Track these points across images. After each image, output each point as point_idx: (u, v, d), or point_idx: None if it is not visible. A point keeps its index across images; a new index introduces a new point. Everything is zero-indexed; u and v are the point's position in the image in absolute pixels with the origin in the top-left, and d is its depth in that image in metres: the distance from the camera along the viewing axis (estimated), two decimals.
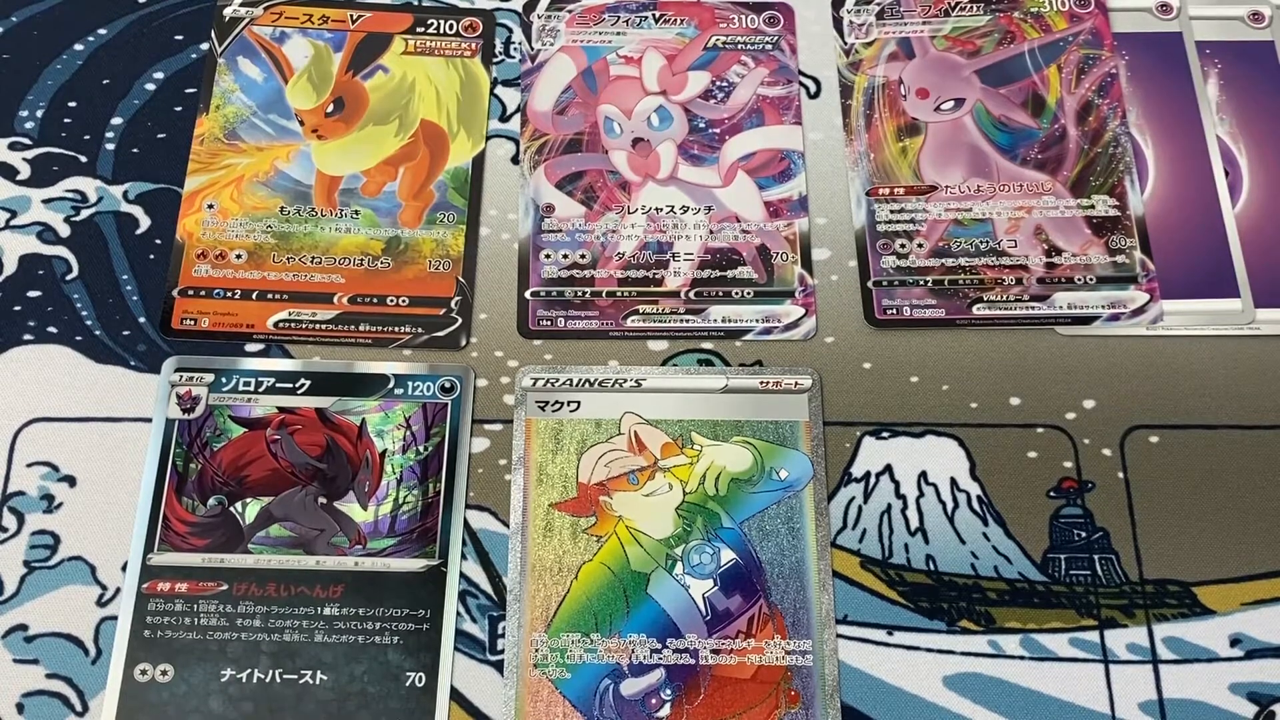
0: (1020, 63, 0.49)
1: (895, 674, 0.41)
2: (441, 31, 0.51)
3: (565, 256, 0.47)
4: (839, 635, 0.41)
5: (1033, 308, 0.46)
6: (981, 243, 0.47)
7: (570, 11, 0.51)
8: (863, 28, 0.49)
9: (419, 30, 0.51)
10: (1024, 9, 0.50)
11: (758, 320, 0.46)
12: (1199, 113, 0.48)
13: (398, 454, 0.44)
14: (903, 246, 0.47)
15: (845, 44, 0.50)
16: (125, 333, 0.46)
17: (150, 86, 0.50)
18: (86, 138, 0.49)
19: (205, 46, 0.50)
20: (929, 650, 0.42)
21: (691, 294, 0.46)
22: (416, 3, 0.52)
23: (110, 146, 0.49)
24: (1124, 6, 0.51)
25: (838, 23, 0.50)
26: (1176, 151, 0.48)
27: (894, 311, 0.46)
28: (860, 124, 0.49)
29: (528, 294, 0.47)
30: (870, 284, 0.46)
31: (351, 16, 0.51)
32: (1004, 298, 0.46)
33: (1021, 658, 0.41)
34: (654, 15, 0.51)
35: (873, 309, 0.46)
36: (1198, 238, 0.47)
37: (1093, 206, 0.47)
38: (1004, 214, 0.47)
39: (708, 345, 0.46)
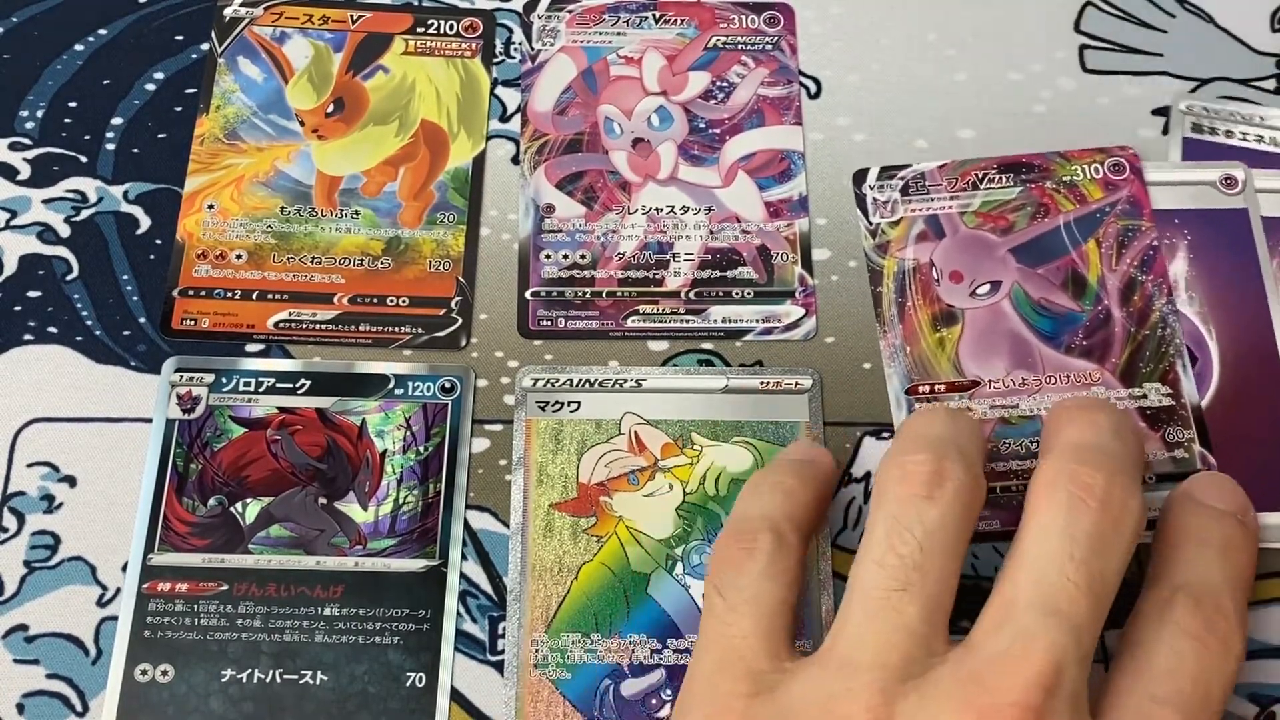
0: (1057, 238, 0.46)
1: None
2: (441, 32, 0.51)
3: (565, 257, 0.47)
4: None
5: None
6: (1032, 443, 0.43)
7: (570, 12, 0.51)
8: (888, 205, 0.46)
9: (419, 30, 0.51)
10: (1056, 178, 0.47)
11: (758, 320, 0.46)
12: (1267, 299, 0.44)
13: (398, 454, 0.44)
14: None
15: (870, 224, 0.47)
16: (125, 333, 0.46)
17: (150, 87, 0.50)
18: (86, 138, 0.49)
19: (205, 47, 0.50)
20: None
21: (692, 294, 0.46)
22: (416, 3, 0.52)
23: (110, 147, 0.49)
24: (1185, 180, 0.46)
25: (860, 200, 0.47)
26: (1243, 344, 0.44)
27: None
28: (893, 313, 0.45)
29: (528, 294, 0.47)
30: None
31: (352, 17, 0.51)
32: None
33: None
34: (654, 15, 0.51)
35: None
36: (1271, 442, 0.43)
37: (1145, 396, 0.43)
38: None
39: (708, 345, 0.46)
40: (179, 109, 0.49)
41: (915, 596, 0.32)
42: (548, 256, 0.47)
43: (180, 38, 0.51)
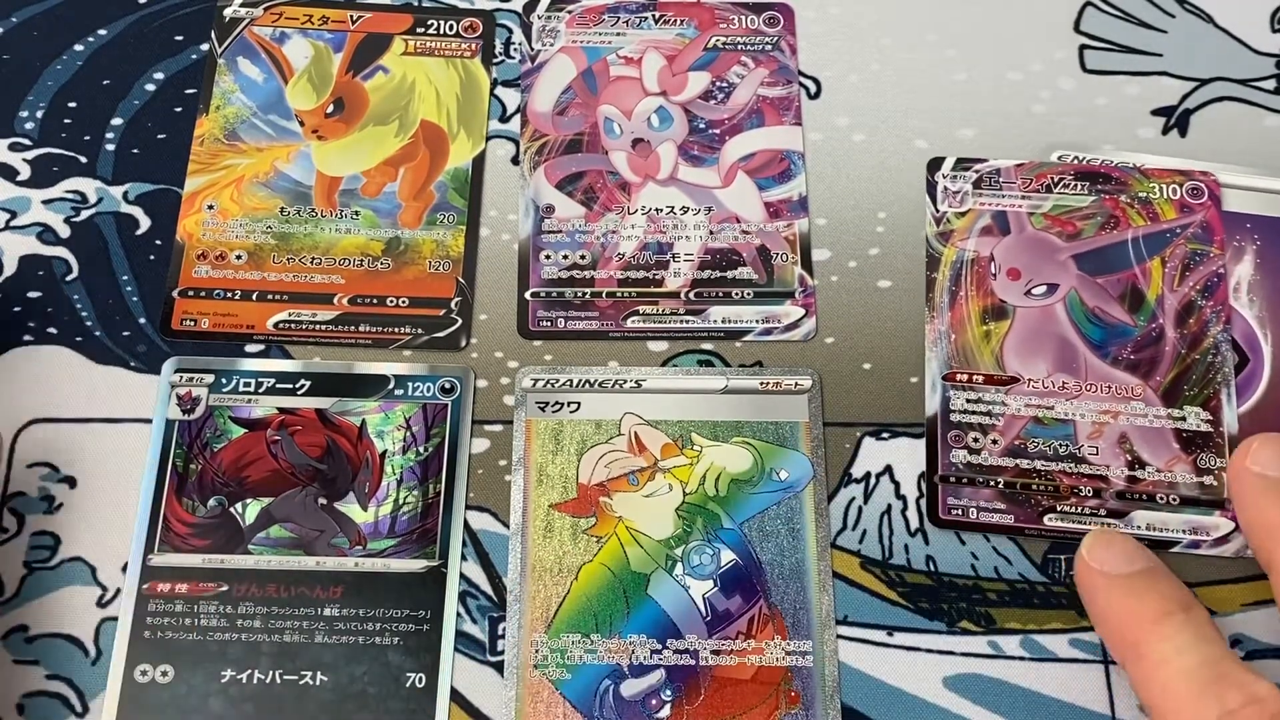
0: (1122, 251, 0.45)
1: (895, 675, 0.41)
2: (441, 32, 0.51)
3: (565, 257, 0.47)
4: (839, 636, 0.41)
5: (1108, 524, 0.42)
6: (1060, 445, 0.43)
7: (570, 12, 0.51)
8: (958, 195, 0.46)
9: (419, 31, 0.51)
10: (1131, 193, 0.46)
11: (758, 321, 0.46)
12: None
13: (398, 455, 0.44)
14: (975, 441, 0.43)
15: (937, 211, 0.47)
16: (125, 333, 0.46)
17: (150, 87, 0.50)
18: (86, 138, 0.49)
19: (205, 47, 0.50)
20: (929, 651, 0.42)
21: (691, 294, 0.46)
22: (416, 3, 0.52)
23: (110, 147, 0.49)
24: (1262, 187, 0.46)
25: (931, 187, 0.47)
26: None
27: (959, 512, 0.43)
28: (944, 300, 0.45)
29: (528, 294, 0.47)
30: (937, 479, 0.43)
31: (351, 17, 0.51)
32: (1078, 509, 0.42)
33: (1022, 658, 0.42)
34: (654, 16, 0.51)
35: (937, 510, 0.43)
36: None
37: (1184, 419, 0.43)
38: (1088, 416, 0.43)
39: (708, 346, 0.46)
40: (179, 109, 0.49)
41: None
42: (548, 257, 0.47)
43: (180, 38, 0.51)
